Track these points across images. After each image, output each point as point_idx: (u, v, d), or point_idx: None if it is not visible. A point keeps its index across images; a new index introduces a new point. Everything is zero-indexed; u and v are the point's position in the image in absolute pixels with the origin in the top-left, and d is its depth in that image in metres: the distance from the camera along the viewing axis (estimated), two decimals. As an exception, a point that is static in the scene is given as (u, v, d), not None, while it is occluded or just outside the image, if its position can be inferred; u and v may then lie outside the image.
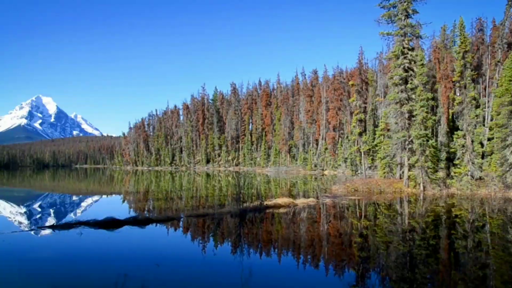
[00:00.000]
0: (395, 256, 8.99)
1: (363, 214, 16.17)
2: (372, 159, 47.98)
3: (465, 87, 26.56)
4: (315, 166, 66.30)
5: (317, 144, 71.42)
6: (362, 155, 35.41)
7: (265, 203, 17.08)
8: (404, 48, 26.03)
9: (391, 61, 28.92)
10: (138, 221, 13.02)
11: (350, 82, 43.41)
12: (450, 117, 36.57)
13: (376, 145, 39.89)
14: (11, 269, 7.97)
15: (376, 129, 45.21)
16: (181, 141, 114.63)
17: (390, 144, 28.07)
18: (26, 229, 12.58)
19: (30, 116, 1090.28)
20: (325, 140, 67.02)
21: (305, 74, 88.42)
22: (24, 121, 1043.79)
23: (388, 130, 31.22)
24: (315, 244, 10.30)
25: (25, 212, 17.71)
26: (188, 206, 18.23)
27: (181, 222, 13.43)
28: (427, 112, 24.36)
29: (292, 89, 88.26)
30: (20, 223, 14.17)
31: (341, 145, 60.56)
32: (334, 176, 49.03)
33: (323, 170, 63.84)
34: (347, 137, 58.58)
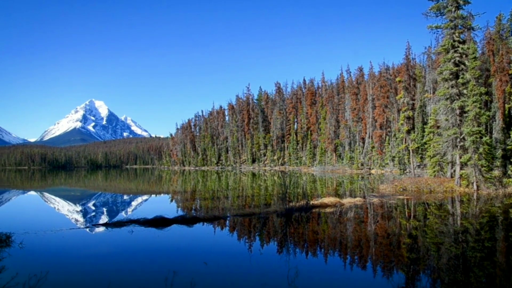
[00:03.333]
0: (447, 258, 8.66)
1: (412, 214, 15.68)
2: (421, 158, 46.45)
3: (522, 80, 25.14)
4: (362, 165, 65.04)
5: (363, 143, 70.05)
6: (411, 153, 34.33)
7: (311, 202, 16.98)
8: (454, 41, 24.99)
9: (441, 55, 27.80)
10: (186, 220, 13.32)
11: (397, 79, 42.24)
12: (506, 112, 34.68)
13: (425, 143, 38.54)
14: (71, 265, 8.40)
15: (425, 126, 43.73)
16: (227, 141, 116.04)
17: (440, 142, 27.04)
18: (82, 226, 13.22)
19: (84, 119, 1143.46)
20: (371, 138, 65.58)
21: (350, 72, 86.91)
22: (78, 124, 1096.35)
23: (438, 127, 30.07)
24: (362, 245, 10.11)
25: (80, 211, 18.58)
26: (234, 206, 18.41)
27: (227, 221, 13.60)
28: (480, 108, 23.25)
29: (337, 87, 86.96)
30: (76, 220, 14.91)
31: (388, 144, 59.02)
32: (381, 175, 47.86)
33: (369, 169, 62.53)
34: (395, 135, 57.06)
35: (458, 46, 24.88)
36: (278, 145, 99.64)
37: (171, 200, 23.83)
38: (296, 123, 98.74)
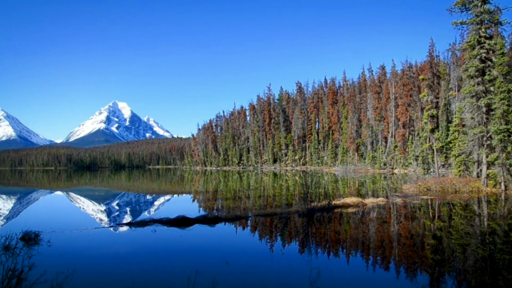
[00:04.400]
0: (474, 260, 8.45)
1: (436, 214, 15.38)
2: (446, 157, 45.58)
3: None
4: (384, 164, 64.26)
5: (386, 142, 69.15)
6: (435, 152, 33.65)
7: (333, 202, 16.85)
8: (480, 37, 24.37)
9: (466, 52, 27.17)
10: (208, 220, 13.40)
11: (421, 77, 41.43)
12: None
13: (450, 142, 37.79)
14: (96, 263, 8.56)
15: (449, 125, 42.84)
16: (248, 141, 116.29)
17: (466, 141, 26.44)
18: (106, 225, 13.45)
19: (108, 120, 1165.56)
20: (394, 137, 64.68)
21: (372, 70, 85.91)
22: (102, 126, 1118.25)
23: (463, 125, 29.43)
24: (385, 245, 9.97)
25: (105, 210, 18.91)
26: (256, 206, 18.43)
27: (249, 221, 13.61)
28: (508, 105, 22.61)
29: (359, 86, 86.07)
30: (101, 220, 15.19)
31: (412, 143, 58.08)
32: (404, 175, 47.13)
33: (392, 168, 61.71)
34: (418, 134, 56.09)
35: (485, 42, 24.25)
36: (300, 145, 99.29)
37: (193, 200, 24.01)
38: (317, 123, 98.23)
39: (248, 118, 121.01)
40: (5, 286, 5.93)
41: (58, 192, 32.35)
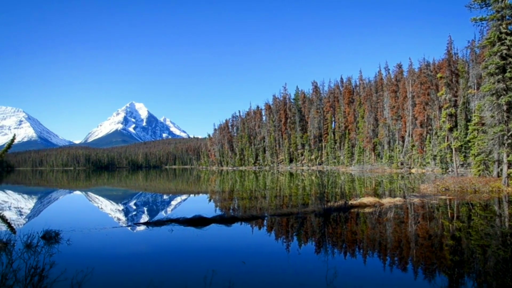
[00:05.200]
0: (494, 262, 8.30)
1: (455, 214, 15.15)
2: (465, 156, 44.88)
3: None
4: (402, 164, 63.56)
5: (403, 141, 68.39)
6: (453, 151, 33.15)
7: (350, 202, 16.75)
8: (501, 33, 23.90)
9: (486, 49, 26.68)
10: (224, 220, 13.46)
11: (438, 75, 40.82)
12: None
13: (469, 141, 37.21)
14: (114, 262, 8.68)
15: (468, 123, 42.20)
16: (264, 141, 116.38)
17: (486, 140, 25.97)
18: (124, 225, 13.62)
19: (125, 121, 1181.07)
20: (411, 137, 63.92)
21: (388, 69, 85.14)
22: (120, 126, 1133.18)
23: (483, 124, 28.91)
24: (403, 246, 9.87)
25: (122, 210, 19.15)
26: (272, 205, 18.43)
27: (265, 221, 13.62)
28: (529, 104, 22.15)
29: (376, 85, 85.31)
30: (119, 219, 15.39)
31: (429, 142, 57.33)
32: (422, 175, 46.53)
33: (410, 168, 61.01)
34: (436, 133, 55.33)
35: (506, 38, 23.77)
36: (316, 145, 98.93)
37: (210, 200, 24.13)
38: (333, 122, 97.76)
39: (264, 118, 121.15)
40: (27, 283, 6.07)
41: (77, 192, 32.87)
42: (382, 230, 11.76)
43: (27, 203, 23.07)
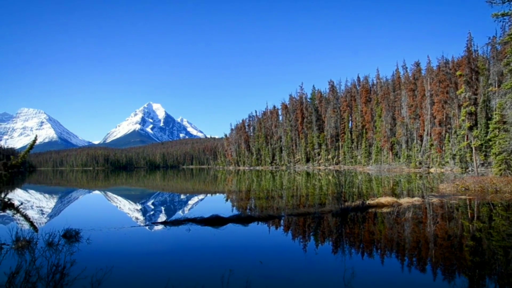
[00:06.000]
0: (516, 262, 8.15)
1: (475, 215, 14.90)
2: (485, 155, 44.05)
3: None
4: (420, 163, 62.72)
5: (421, 141, 67.44)
6: (473, 151, 32.60)
7: (367, 202, 16.63)
8: (523, 29, 23.41)
9: (507, 45, 26.16)
10: (241, 219, 13.51)
11: (458, 73, 40.26)
12: None
13: (489, 140, 36.50)
14: (133, 260, 8.82)
15: (489, 122, 41.35)
16: (280, 141, 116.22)
17: (507, 138, 25.48)
18: (142, 224, 13.80)
19: (143, 121, 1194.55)
20: (430, 136, 63.00)
21: (406, 67, 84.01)
22: (138, 127, 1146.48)
23: (505, 122, 28.35)
24: (421, 246, 9.76)
25: (140, 209, 19.39)
26: (289, 205, 18.41)
27: (282, 221, 13.63)
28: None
29: (393, 83, 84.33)
30: (137, 218, 15.61)
31: (449, 141, 56.43)
32: (441, 174, 45.83)
33: (428, 167, 60.14)
34: (455, 132, 54.42)
35: (528, 35, 23.28)
36: (333, 144, 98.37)
37: (226, 200, 24.23)
38: (350, 122, 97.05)
39: (280, 117, 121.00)
40: (50, 280, 6.22)
41: (96, 192, 33.39)
42: (400, 230, 11.66)
43: (48, 203, 23.55)
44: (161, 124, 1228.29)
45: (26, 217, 15.86)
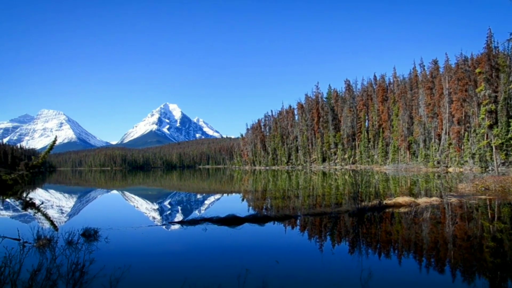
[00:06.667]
0: (538, 264, 7.98)
1: (495, 215, 14.62)
2: (506, 154, 43.19)
3: None
4: (438, 163, 61.85)
5: (439, 140, 66.48)
6: (494, 150, 31.97)
7: (384, 202, 16.47)
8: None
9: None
10: (257, 219, 13.52)
11: (477, 70, 39.51)
12: None
13: (510, 139, 35.76)
14: (150, 259, 8.91)
15: (510, 120, 40.56)
16: (296, 140, 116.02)
17: (528, 137, 24.90)
18: (159, 223, 13.92)
19: (159, 122, 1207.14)
20: (448, 134, 62.06)
21: (423, 65, 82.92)
22: (154, 127, 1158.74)
23: (526, 121, 27.73)
24: (439, 247, 9.63)
25: (157, 209, 19.57)
26: (305, 205, 18.37)
27: (298, 221, 13.60)
28: None
29: (410, 82, 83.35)
30: (154, 218, 15.76)
31: (468, 140, 55.48)
32: (460, 174, 45.09)
33: (447, 167, 59.24)
34: (475, 130, 53.45)
35: (548, 32, 22.69)
36: (349, 144, 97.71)
37: (243, 199, 24.28)
38: (367, 121, 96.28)
39: (296, 117, 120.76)
40: (70, 278, 6.34)
41: (114, 191, 33.81)
42: (418, 231, 11.52)
43: (67, 202, 23.97)
44: (178, 124, 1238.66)
45: (47, 216, 16.16)
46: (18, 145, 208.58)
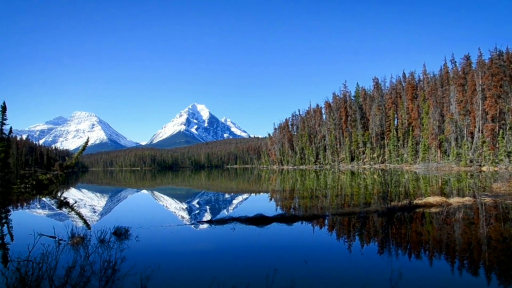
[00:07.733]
0: None
1: (533, 216, 14.10)
2: (544, 152, 41.56)
3: None
4: (471, 161, 60.14)
5: (472, 138, 64.64)
6: (530, 148, 30.82)
7: (414, 202, 16.17)
8: None
9: None
10: (285, 219, 13.51)
11: (512, 66, 38.05)
12: None
13: (548, 136, 34.37)
14: (179, 258, 9.05)
15: (547, 117, 38.93)
16: (324, 140, 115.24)
17: None
18: (188, 223, 14.10)
19: (188, 122, 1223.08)
20: (482, 132, 60.24)
21: (455, 61, 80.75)
22: (183, 127, 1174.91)
23: None
24: (473, 248, 9.36)
25: (186, 208, 19.81)
26: (333, 205, 18.21)
27: (326, 220, 13.50)
28: None
29: (441, 78, 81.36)
30: (183, 217, 15.97)
31: (503, 138, 53.72)
32: (494, 173, 43.69)
33: (480, 166, 57.53)
34: (510, 127, 51.70)
35: None
36: (378, 142, 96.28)
37: (270, 199, 24.28)
38: (396, 119, 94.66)
39: (324, 116, 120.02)
40: (102, 275, 6.52)
41: (144, 191, 34.43)
42: (449, 231, 11.25)
43: (99, 201, 24.58)
44: (206, 124, 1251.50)
45: (80, 215, 16.63)
46: (53, 146, 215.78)
